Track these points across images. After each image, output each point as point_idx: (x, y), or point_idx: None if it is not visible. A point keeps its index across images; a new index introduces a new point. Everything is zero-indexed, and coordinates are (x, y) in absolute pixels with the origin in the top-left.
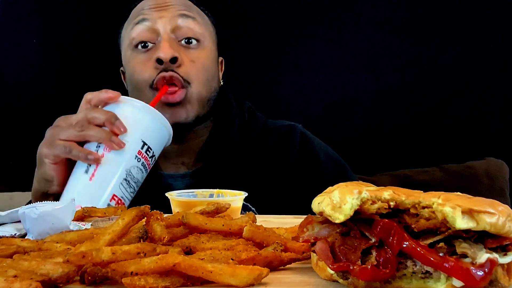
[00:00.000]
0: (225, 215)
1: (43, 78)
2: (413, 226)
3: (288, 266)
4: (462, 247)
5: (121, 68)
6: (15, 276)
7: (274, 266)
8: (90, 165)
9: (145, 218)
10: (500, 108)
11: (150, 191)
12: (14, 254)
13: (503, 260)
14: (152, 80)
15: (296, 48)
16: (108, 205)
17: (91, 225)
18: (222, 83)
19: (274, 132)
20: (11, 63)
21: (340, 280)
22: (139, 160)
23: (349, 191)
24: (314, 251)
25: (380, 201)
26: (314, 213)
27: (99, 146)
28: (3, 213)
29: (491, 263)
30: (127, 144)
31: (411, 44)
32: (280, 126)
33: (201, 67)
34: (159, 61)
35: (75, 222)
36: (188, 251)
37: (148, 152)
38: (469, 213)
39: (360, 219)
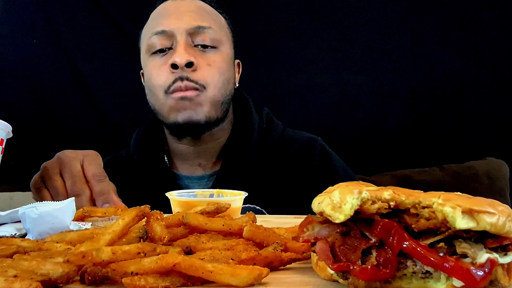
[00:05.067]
0: (225, 215)
1: (43, 78)
2: (413, 226)
3: (288, 266)
4: (462, 247)
5: (142, 71)
6: (15, 276)
7: (274, 266)
8: None
9: (145, 218)
10: (500, 108)
11: (166, 190)
12: (14, 254)
13: (503, 260)
14: (167, 86)
15: (296, 48)
16: None
17: (91, 225)
18: (237, 85)
19: (294, 143)
20: (11, 63)
21: (340, 280)
22: None
23: (349, 191)
24: (314, 251)
25: (380, 201)
26: (314, 213)
27: None
28: (3, 213)
29: (491, 263)
30: None
31: (411, 44)
32: (301, 137)
33: (217, 71)
34: (174, 66)
35: (75, 222)
36: (188, 251)
37: None
38: (469, 213)
39: (360, 219)
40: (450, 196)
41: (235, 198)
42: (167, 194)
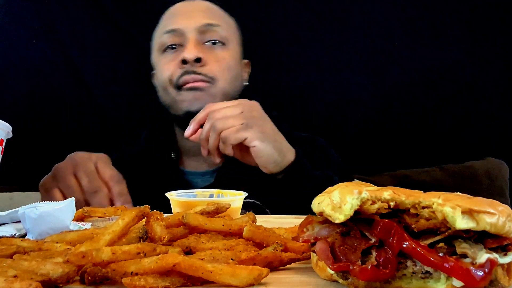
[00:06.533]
0: (225, 215)
1: (42, 78)
2: (413, 226)
3: (288, 266)
4: (462, 247)
5: (153, 71)
6: (15, 276)
7: (274, 266)
8: None
9: (145, 218)
10: (500, 108)
11: (171, 186)
12: (14, 254)
13: (503, 260)
14: (175, 79)
15: (296, 47)
16: None
17: (91, 225)
18: (247, 83)
19: (298, 142)
20: (11, 63)
21: (340, 280)
22: None
23: (349, 191)
24: (314, 251)
25: (380, 201)
26: (314, 213)
27: None
28: (3, 213)
29: (491, 263)
30: None
31: (411, 44)
32: (303, 136)
33: (226, 66)
34: (184, 61)
35: (75, 222)
36: (188, 251)
37: None
38: (469, 213)
39: (360, 219)
40: (450, 196)
41: (235, 198)
42: (167, 194)
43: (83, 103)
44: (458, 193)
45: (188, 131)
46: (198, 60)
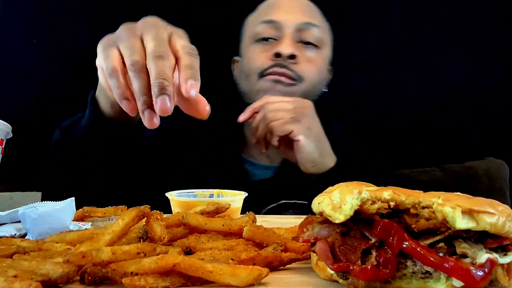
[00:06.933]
0: (225, 215)
1: (43, 79)
2: (413, 226)
3: (288, 266)
4: (462, 247)
5: (235, 57)
6: (15, 276)
7: (274, 266)
8: None
9: (145, 218)
10: (500, 108)
11: (230, 172)
12: (14, 254)
13: (503, 260)
14: (263, 69)
15: None
16: None
17: (91, 225)
18: (326, 90)
19: (354, 156)
20: (11, 64)
21: (340, 280)
22: None
23: (349, 191)
24: (314, 251)
25: (380, 201)
26: (314, 213)
27: None
28: (3, 213)
29: (491, 263)
30: None
31: (411, 44)
32: (361, 151)
33: (316, 68)
34: (278, 55)
35: (75, 222)
36: (188, 251)
37: None
38: (469, 213)
39: (360, 219)
40: (450, 196)
41: (235, 198)
42: (167, 194)
43: (83, 103)
44: (458, 193)
45: (242, 116)
46: (292, 56)
